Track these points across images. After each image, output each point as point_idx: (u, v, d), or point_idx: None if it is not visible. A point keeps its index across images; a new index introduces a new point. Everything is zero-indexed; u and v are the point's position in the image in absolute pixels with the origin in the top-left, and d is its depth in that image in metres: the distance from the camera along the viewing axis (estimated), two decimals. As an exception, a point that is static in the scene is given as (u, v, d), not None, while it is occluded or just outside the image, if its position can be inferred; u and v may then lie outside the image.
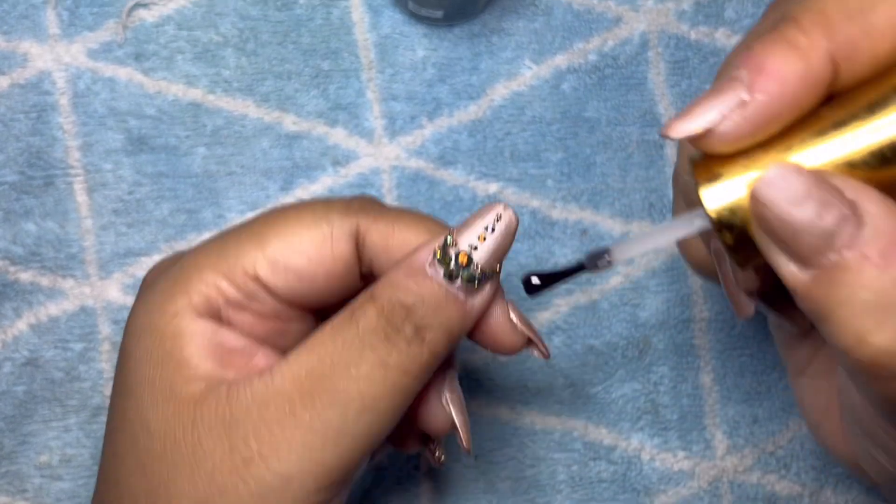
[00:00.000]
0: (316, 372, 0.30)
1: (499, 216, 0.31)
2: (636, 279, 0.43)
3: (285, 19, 0.42)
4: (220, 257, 0.32)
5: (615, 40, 0.43)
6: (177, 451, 0.30)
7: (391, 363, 0.30)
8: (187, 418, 0.30)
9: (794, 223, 0.24)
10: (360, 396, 0.30)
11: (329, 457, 0.30)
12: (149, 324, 0.32)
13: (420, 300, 0.31)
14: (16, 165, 0.41)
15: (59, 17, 0.41)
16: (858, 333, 0.24)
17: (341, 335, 0.30)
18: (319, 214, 0.32)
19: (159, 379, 0.31)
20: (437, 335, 0.31)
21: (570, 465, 0.42)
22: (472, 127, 0.43)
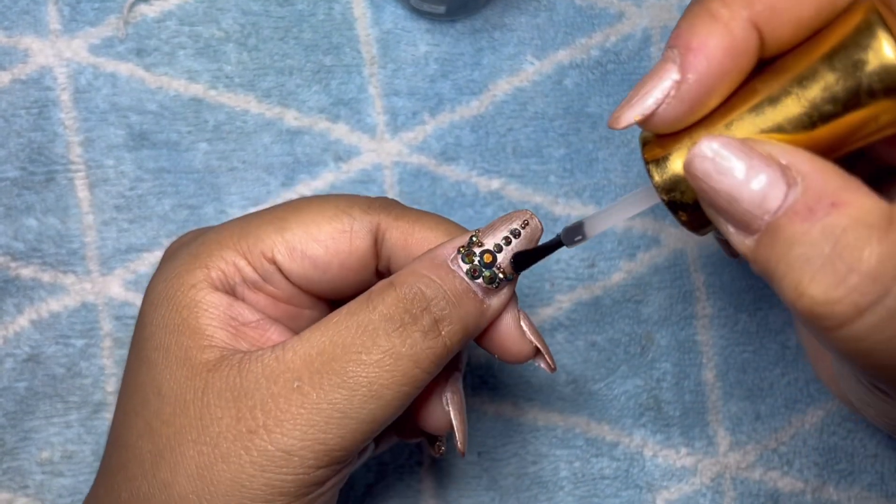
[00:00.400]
0: (327, 352, 0.30)
1: (525, 222, 0.32)
2: (639, 275, 0.43)
3: (287, 14, 0.42)
4: (241, 237, 0.33)
5: (617, 36, 0.43)
6: (185, 415, 0.31)
7: (404, 353, 0.30)
8: (199, 384, 0.31)
9: (727, 192, 0.25)
10: (368, 383, 0.30)
11: (331, 437, 0.30)
12: (166, 293, 0.32)
13: (441, 292, 0.31)
14: (17, 161, 0.41)
15: (60, 12, 0.41)
16: (796, 287, 0.24)
17: (356, 318, 0.31)
18: (342, 208, 0.33)
19: (174, 345, 0.31)
20: (454, 329, 0.31)
21: (572, 461, 0.42)
22: (474, 123, 0.42)
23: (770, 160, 0.25)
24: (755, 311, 0.43)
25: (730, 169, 0.25)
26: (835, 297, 0.24)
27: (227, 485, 0.30)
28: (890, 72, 0.25)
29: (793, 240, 0.24)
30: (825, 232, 0.24)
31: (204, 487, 0.30)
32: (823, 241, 0.24)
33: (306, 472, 0.30)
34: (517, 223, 0.32)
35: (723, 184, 0.25)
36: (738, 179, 0.25)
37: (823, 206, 0.24)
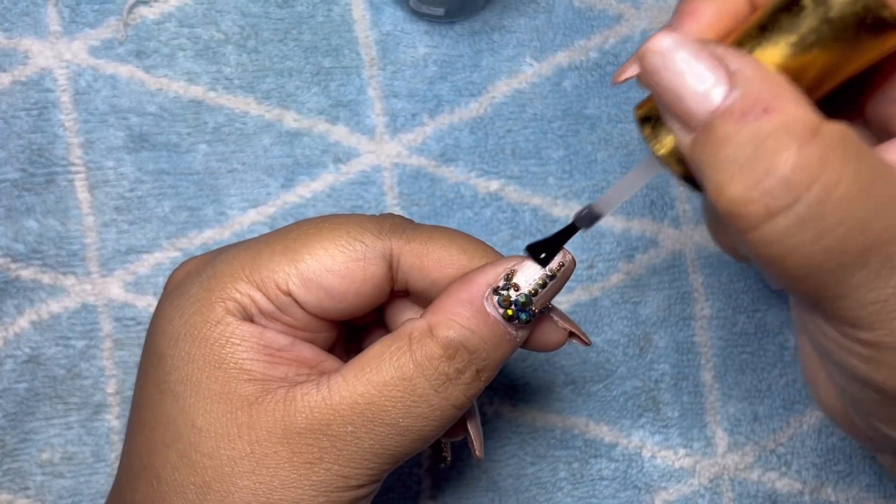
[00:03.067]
0: (375, 402, 0.31)
1: (561, 264, 0.32)
2: (637, 276, 0.43)
3: (286, 16, 0.42)
4: (254, 269, 0.32)
5: (616, 38, 0.43)
6: (232, 448, 0.31)
7: (449, 403, 0.32)
8: (243, 419, 0.31)
9: (673, 89, 0.26)
10: (417, 430, 0.32)
11: (385, 467, 0.32)
12: (188, 329, 0.32)
13: (483, 343, 0.32)
14: (17, 163, 0.41)
15: (60, 14, 0.41)
16: (718, 185, 0.25)
17: (399, 366, 0.31)
18: (353, 235, 0.33)
19: (207, 379, 0.32)
20: (492, 372, 0.32)
21: (571, 462, 0.42)
22: (473, 124, 0.43)
23: (718, 63, 0.26)
24: (753, 312, 0.43)
25: (677, 67, 0.26)
26: (749, 198, 0.25)
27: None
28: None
29: (723, 140, 0.25)
30: (752, 135, 0.25)
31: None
32: (748, 143, 0.25)
33: (360, 489, 0.32)
34: (554, 265, 0.32)
35: (670, 81, 0.26)
36: (684, 78, 0.26)
37: (756, 111, 0.25)
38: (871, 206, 0.24)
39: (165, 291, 0.34)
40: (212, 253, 0.35)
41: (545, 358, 0.42)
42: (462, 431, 0.36)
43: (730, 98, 0.25)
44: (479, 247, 0.33)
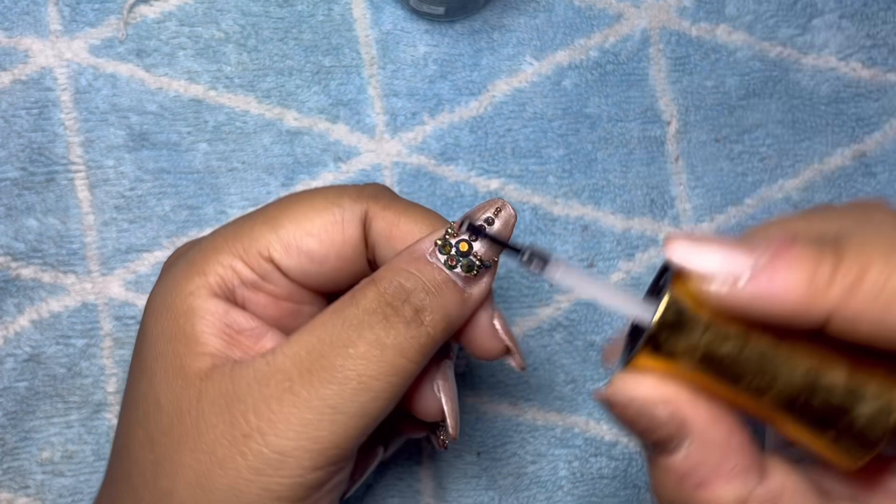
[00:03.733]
0: (315, 351, 0.31)
1: (498, 209, 0.32)
2: (637, 275, 0.43)
3: (287, 15, 0.42)
4: (236, 240, 0.33)
5: (616, 37, 0.43)
6: (182, 425, 0.31)
7: (388, 343, 0.31)
8: (193, 393, 0.31)
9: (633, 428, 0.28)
10: (356, 376, 0.30)
11: (324, 435, 0.30)
12: (165, 302, 0.32)
13: (420, 283, 0.31)
14: (17, 162, 0.41)
15: (60, 13, 0.41)
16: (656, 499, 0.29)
17: (341, 315, 0.31)
18: (331, 199, 0.33)
19: (171, 354, 0.32)
20: (436, 318, 0.31)
21: (571, 460, 0.42)
22: (473, 123, 0.43)
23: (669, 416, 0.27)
24: (753, 311, 0.43)
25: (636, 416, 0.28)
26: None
27: (224, 492, 0.30)
28: None
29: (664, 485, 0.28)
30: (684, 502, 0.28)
31: (202, 495, 0.30)
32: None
33: (302, 475, 0.30)
34: (490, 212, 0.32)
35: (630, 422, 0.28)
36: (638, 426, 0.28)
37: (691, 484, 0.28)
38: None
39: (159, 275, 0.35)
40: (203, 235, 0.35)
41: (545, 357, 0.42)
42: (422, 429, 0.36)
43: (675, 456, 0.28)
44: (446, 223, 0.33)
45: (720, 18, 0.43)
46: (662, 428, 0.27)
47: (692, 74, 0.43)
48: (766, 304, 0.26)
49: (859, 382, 0.26)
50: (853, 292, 0.25)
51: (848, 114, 0.44)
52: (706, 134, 0.43)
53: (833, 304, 0.25)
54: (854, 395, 0.26)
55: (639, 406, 0.28)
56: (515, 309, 0.43)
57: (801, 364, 0.27)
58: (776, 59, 0.43)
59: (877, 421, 0.26)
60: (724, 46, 0.43)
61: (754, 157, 0.43)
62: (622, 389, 0.28)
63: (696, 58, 0.43)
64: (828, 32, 0.44)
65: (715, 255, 0.26)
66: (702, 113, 0.43)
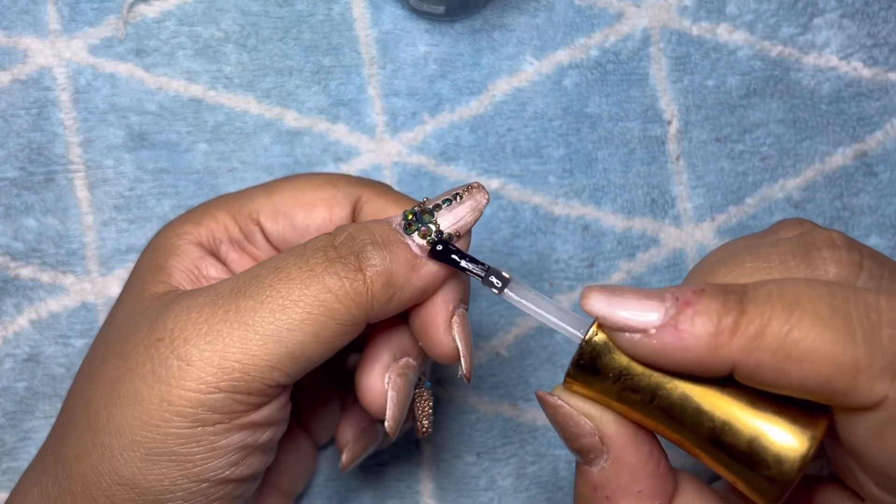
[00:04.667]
0: (251, 273, 0.31)
1: (469, 186, 0.32)
2: (638, 275, 0.43)
3: (286, 15, 0.42)
4: (233, 200, 0.35)
5: (617, 36, 0.43)
6: (117, 335, 0.32)
7: (320, 275, 0.30)
8: (139, 309, 0.32)
9: (562, 434, 0.30)
10: (279, 297, 0.30)
11: (233, 352, 0.30)
12: (153, 241, 0.35)
13: (369, 234, 0.31)
14: (17, 161, 0.41)
15: (59, 12, 0.41)
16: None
17: (289, 252, 0.31)
18: (329, 179, 0.34)
19: (138, 280, 0.33)
20: (377, 271, 0.30)
21: (571, 461, 0.42)
22: (473, 123, 0.42)
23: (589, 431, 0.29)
24: (754, 311, 0.43)
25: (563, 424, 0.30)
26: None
27: (129, 397, 0.30)
28: None
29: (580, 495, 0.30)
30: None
31: (112, 400, 0.30)
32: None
33: (202, 391, 0.29)
34: (460, 189, 0.32)
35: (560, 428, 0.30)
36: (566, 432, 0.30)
37: (601, 496, 0.29)
38: None
39: None
40: None
41: (545, 357, 0.42)
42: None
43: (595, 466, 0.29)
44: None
45: (721, 18, 0.43)
46: (584, 438, 0.29)
47: (693, 74, 0.43)
48: (673, 355, 0.27)
49: (769, 422, 0.28)
50: (754, 345, 0.26)
51: (849, 113, 0.43)
52: (707, 133, 0.43)
53: (735, 355, 0.27)
54: (761, 438, 0.28)
55: (566, 413, 0.29)
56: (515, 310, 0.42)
57: (713, 406, 0.28)
58: (777, 59, 0.43)
59: (786, 460, 0.27)
60: (725, 46, 0.43)
61: (755, 157, 0.43)
62: (558, 393, 0.30)
63: (697, 57, 0.43)
64: (829, 31, 0.44)
65: (628, 307, 0.28)
66: (703, 112, 0.43)
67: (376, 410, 0.33)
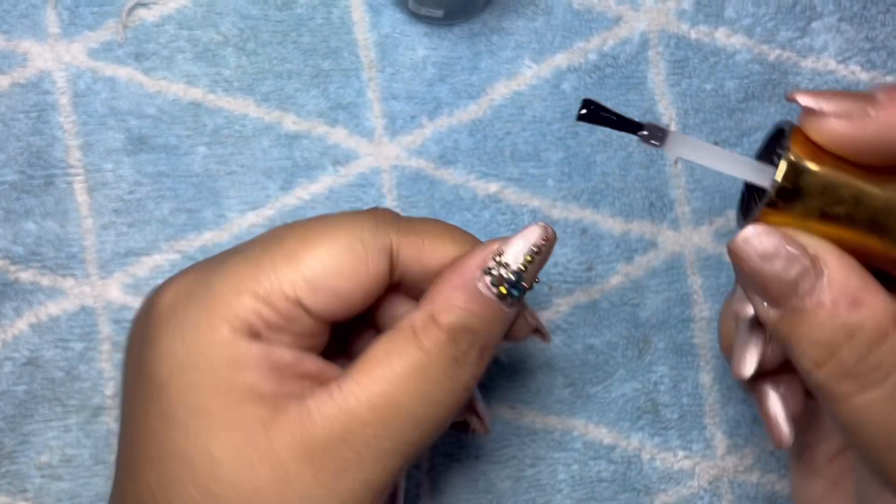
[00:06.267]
0: (391, 396, 0.31)
1: (545, 238, 0.33)
2: (636, 279, 0.43)
3: (285, 19, 0.42)
4: (257, 279, 0.32)
5: (615, 40, 0.43)
6: (255, 476, 0.31)
7: (458, 387, 0.32)
8: (261, 443, 0.31)
9: (765, 275, 0.29)
10: (435, 418, 0.32)
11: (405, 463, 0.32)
12: (193, 357, 0.31)
13: (483, 322, 0.32)
14: (16, 165, 0.41)
15: (59, 16, 0.41)
16: (813, 362, 0.30)
17: (410, 359, 0.31)
18: (352, 232, 0.32)
19: (218, 407, 0.31)
20: (493, 351, 0.33)
21: (570, 464, 0.42)
22: (472, 126, 0.43)
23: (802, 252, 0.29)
24: (752, 314, 0.43)
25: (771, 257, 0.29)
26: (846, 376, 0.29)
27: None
28: None
29: (816, 326, 0.29)
30: (845, 327, 0.29)
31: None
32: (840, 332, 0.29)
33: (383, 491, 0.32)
34: (536, 238, 0.33)
35: (763, 268, 0.29)
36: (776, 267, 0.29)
37: (844, 304, 0.29)
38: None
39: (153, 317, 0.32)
40: (200, 270, 0.33)
41: (544, 360, 0.42)
42: (468, 412, 0.37)
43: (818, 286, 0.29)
44: (468, 237, 0.34)
45: (719, 21, 0.43)
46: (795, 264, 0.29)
47: (691, 77, 0.43)
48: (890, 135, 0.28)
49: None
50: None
51: (847, 117, 0.44)
52: (705, 137, 0.43)
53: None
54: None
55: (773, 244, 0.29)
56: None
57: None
58: (775, 62, 0.43)
59: None
60: (723, 49, 0.43)
61: (753, 161, 0.43)
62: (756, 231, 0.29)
63: (695, 61, 0.43)
64: (827, 35, 0.44)
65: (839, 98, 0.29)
66: (701, 116, 0.43)
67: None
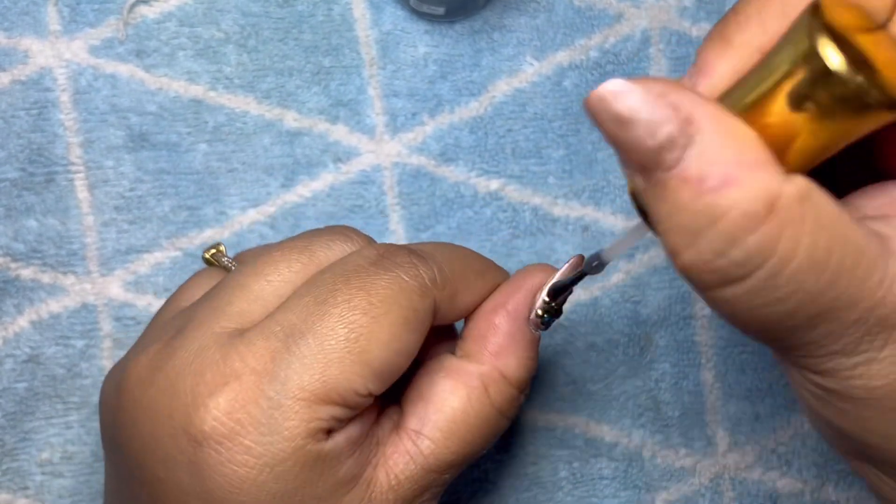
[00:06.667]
0: (466, 454, 0.33)
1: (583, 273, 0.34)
2: (637, 276, 0.43)
3: (286, 16, 0.42)
4: (330, 388, 0.30)
5: (617, 37, 0.43)
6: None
7: (508, 418, 0.35)
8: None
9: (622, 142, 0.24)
10: (485, 451, 0.35)
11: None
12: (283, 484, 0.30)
13: (536, 364, 0.35)
14: (17, 162, 0.41)
15: (59, 13, 0.41)
16: (673, 248, 0.25)
17: (486, 418, 0.34)
18: (405, 305, 0.32)
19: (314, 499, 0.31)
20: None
21: (571, 461, 0.42)
22: (473, 124, 0.43)
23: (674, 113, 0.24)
24: (754, 311, 0.43)
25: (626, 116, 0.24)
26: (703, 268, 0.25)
27: None
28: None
29: (677, 206, 0.24)
30: (708, 210, 0.24)
31: None
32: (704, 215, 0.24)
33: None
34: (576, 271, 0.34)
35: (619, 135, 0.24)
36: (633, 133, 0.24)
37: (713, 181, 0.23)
38: (824, 277, 0.24)
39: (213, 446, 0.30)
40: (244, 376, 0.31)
41: (545, 357, 0.42)
42: None
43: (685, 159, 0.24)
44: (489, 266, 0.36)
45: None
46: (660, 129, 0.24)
47: (693, 75, 0.43)
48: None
49: None
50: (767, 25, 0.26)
51: (849, 114, 0.44)
52: (707, 134, 0.43)
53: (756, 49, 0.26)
54: None
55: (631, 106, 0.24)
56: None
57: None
58: (777, 60, 0.43)
59: None
60: (725, 47, 0.43)
61: (755, 158, 0.43)
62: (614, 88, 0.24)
63: (697, 58, 0.43)
64: (829, 33, 0.44)
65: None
66: (702, 113, 0.43)
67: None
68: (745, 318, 0.26)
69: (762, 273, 0.24)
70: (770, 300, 0.25)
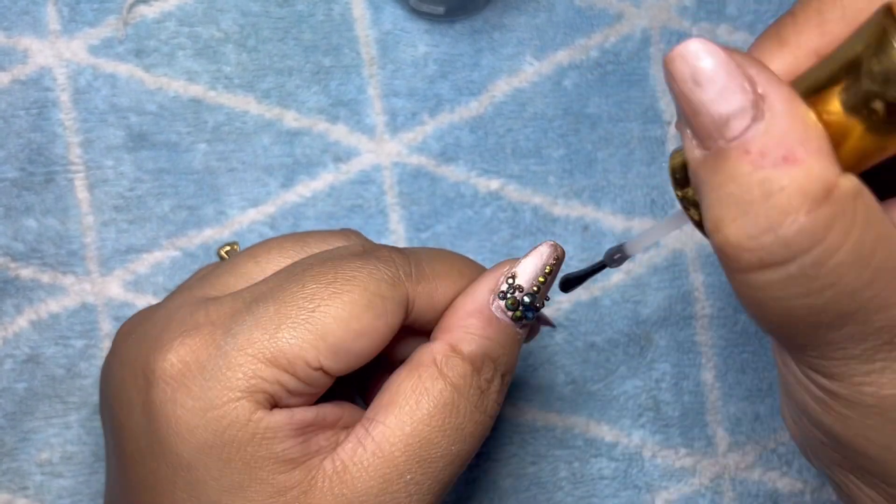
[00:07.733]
0: (424, 438, 0.31)
1: (557, 258, 0.33)
2: (638, 276, 0.43)
3: (286, 15, 0.42)
4: (277, 350, 0.31)
5: (617, 36, 0.43)
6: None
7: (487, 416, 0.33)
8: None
9: (694, 103, 0.24)
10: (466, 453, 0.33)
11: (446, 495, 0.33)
12: (218, 436, 0.31)
13: (502, 348, 0.33)
14: (16, 162, 0.41)
15: (59, 13, 0.41)
16: (716, 220, 0.24)
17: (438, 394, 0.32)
18: (371, 289, 0.32)
19: (252, 482, 0.31)
20: (512, 375, 0.33)
21: (571, 461, 0.42)
22: (473, 123, 0.42)
23: (749, 85, 0.24)
24: (754, 311, 0.43)
25: (705, 81, 0.24)
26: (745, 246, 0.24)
27: None
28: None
29: (733, 176, 0.24)
30: (763, 182, 0.24)
31: None
32: (758, 189, 0.24)
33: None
34: (548, 259, 0.33)
35: (692, 93, 0.24)
36: (707, 93, 0.24)
37: (774, 157, 0.23)
38: (865, 275, 0.24)
39: (159, 387, 0.31)
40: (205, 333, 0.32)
41: (546, 357, 0.42)
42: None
43: (751, 132, 0.24)
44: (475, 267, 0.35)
45: (721, 18, 0.43)
46: (733, 98, 0.24)
47: (693, 74, 0.43)
48: None
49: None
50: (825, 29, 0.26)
51: (849, 114, 0.43)
52: (707, 134, 0.43)
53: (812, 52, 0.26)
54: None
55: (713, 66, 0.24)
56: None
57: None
58: (777, 59, 0.43)
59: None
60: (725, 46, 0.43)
61: (755, 158, 0.43)
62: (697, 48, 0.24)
63: (697, 57, 0.43)
64: (829, 32, 0.44)
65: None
66: (702, 113, 0.43)
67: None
68: (771, 308, 0.25)
69: (807, 259, 0.24)
70: (805, 290, 0.24)
